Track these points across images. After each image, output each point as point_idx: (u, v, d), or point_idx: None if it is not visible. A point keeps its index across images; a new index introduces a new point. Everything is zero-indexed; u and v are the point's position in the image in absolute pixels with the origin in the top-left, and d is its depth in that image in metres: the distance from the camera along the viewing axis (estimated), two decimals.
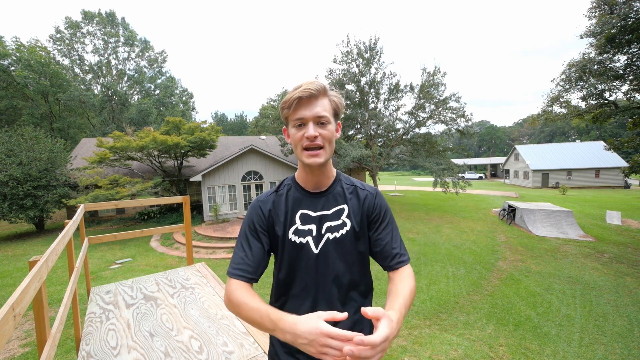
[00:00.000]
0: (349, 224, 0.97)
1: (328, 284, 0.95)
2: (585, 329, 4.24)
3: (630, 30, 7.61)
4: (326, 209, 0.98)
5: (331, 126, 0.92)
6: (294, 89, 0.89)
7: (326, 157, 0.92)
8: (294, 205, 0.99)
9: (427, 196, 19.70)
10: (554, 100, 10.36)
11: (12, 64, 22.38)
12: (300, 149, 0.91)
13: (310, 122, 0.88)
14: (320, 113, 0.88)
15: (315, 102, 0.89)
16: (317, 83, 0.89)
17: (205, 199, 12.88)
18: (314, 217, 0.98)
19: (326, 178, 1.00)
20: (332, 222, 0.97)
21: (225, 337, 2.06)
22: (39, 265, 1.14)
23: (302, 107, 0.89)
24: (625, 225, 10.62)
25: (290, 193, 1.02)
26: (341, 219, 0.98)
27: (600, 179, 26.73)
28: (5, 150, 11.48)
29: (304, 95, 0.87)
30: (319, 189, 1.01)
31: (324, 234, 0.96)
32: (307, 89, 0.87)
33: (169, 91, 30.62)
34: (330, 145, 0.93)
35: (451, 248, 8.30)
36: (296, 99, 0.87)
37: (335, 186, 1.02)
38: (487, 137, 71.85)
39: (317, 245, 0.95)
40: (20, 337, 4.23)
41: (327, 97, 0.92)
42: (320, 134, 0.89)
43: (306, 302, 0.95)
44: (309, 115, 0.88)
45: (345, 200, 1.00)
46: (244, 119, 54.72)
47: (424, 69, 14.17)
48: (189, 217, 3.61)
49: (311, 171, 0.97)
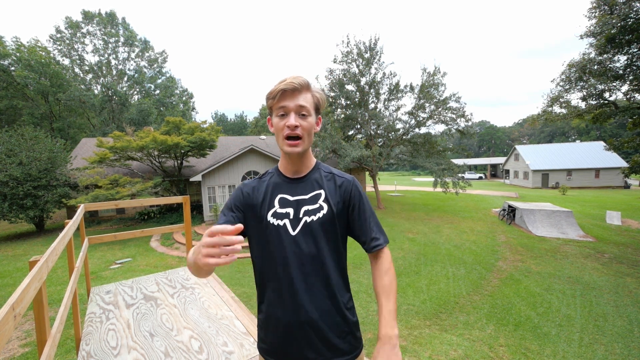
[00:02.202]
0: (326, 208, 1.02)
1: (305, 265, 0.98)
2: (585, 329, 4.24)
3: (630, 30, 7.61)
4: (304, 193, 1.04)
5: (311, 118, 0.99)
6: (280, 82, 0.96)
7: (304, 147, 0.99)
8: (273, 189, 1.06)
9: (427, 196, 19.69)
10: (554, 100, 10.37)
11: (12, 64, 22.36)
12: (281, 137, 0.98)
13: (292, 112, 0.95)
14: (302, 104, 0.95)
15: (298, 95, 0.95)
16: (301, 78, 0.96)
17: (205, 199, 12.87)
18: (291, 201, 1.03)
19: (304, 166, 1.07)
20: (309, 206, 1.02)
21: (225, 337, 2.06)
22: (39, 265, 1.13)
23: (285, 99, 0.95)
24: (625, 225, 10.61)
25: (272, 179, 1.09)
26: (318, 203, 1.02)
27: (600, 179, 26.72)
28: (5, 150, 11.47)
29: (288, 87, 0.94)
30: (297, 175, 1.07)
31: (301, 217, 1.00)
32: (291, 82, 0.94)
33: (169, 91, 30.62)
34: (309, 137, 1.00)
35: (451, 248, 8.29)
36: (280, 90, 0.94)
37: (313, 173, 1.08)
38: (487, 137, 71.84)
39: (295, 227, 0.99)
40: (20, 337, 4.23)
41: (310, 92, 0.99)
42: (301, 124, 0.96)
43: (285, 283, 0.98)
44: (292, 105, 0.95)
45: (322, 186, 1.05)
46: (244, 119, 54.72)
47: (424, 69, 14.17)
48: (189, 217, 3.61)
49: (291, 159, 1.04)
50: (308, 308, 0.96)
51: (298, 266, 0.97)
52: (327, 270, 1.00)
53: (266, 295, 1.03)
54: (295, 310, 0.96)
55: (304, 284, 0.97)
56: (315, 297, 0.97)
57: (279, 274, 0.99)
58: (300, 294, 0.96)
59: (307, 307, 0.96)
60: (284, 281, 0.98)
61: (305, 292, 0.97)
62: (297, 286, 0.97)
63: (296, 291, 0.97)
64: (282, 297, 0.98)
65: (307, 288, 0.97)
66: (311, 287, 0.97)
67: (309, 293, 0.97)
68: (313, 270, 0.98)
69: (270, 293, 1.01)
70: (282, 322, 0.98)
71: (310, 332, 0.96)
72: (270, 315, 1.01)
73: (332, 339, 0.98)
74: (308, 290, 0.97)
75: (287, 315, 0.97)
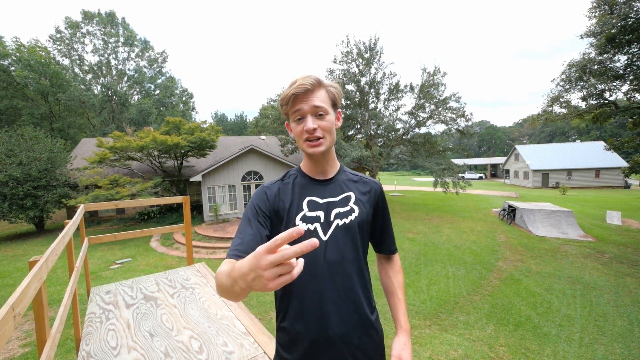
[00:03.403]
0: (357, 211, 0.98)
1: (337, 272, 0.93)
2: (586, 329, 4.23)
3: (630, 30, 7.61)
4: (333, 195, 0.99)
5: (329, 116, 0.93)
6: (290, 85, 0.90)
7: (327, 146, 0.94)
8: (300, 192, 0.99)
9: (427, 196, 19.69)
10: (554, 100, 10.36)
11: (12, 64, 22.36)
12: (302, 141, 0.93)
13: (308, 115, 0.90)
14: (317, 104, 0.90)
15: (311, 95, 0.90)
16: (311, 77, 0.90)
17: (205, 199, 12.87)
18: (321, 204, 0.97)
19: (330, 167, 1.02)
20: (340, 209, 0.97)
21: (225, 337, 2.06)
22: (39, 265, 1.13)
23: (298, 102, 0.90)
24: (626, 225, 10.61)
25: (297, 181, 1.02)
26: (349, 206, 0.98)
27: (601, 179, 26.72)
28: (5, 150, 11.47)
29: (299, 90, 0.88)
30: (325, 176, 1.02)
31: (332, 221, 0.95)
32: (301, 84, 0.88)
33: (169, 91, 30.61)
34: (331, 135, 0.94)
35: (451, 248, 8.29)
36: (292, 95, 0.89)
37: (340, 175, 1.04)
38: (487, 137, 71.82)
39: (326, 232, 0.94)
40: (20, 337, 4.23)
41: (324, 89, 0.93)
42: (319, 125, 0.91)
43: (314, 291, 0.91)
44: (306, 108, 0.90)
45: (350, 188, 1.02)
46: (244, 119, 54.69)
47: (424, 69, 14.17)
48: (189, 217, 3.61)
49: (315, 160, 0.99)
50: (338, 322, 0.90)
51: (329, 274, 0.92)
52: (358, 277, 0.96)
53: (291, 308, 0.93)
54: (324, 325, 0.89)
55: (335, 295, 0.91)
56: (347, 309, 0.91)
57: (307, 286, 0.91)
58: (330, 306, 0.90)
59: (337, 321, 0.90)
60: (314, 292, 0.91)
61: (336, 303, 0.91)
62: (327, 297, 0.90)
63: (326, 303, 0.90)
64: (309, 310, 0.91)
65: (338, 299, 0.91)
66: (343, 296, 0.92)
67: (339, 305, 0.91)
68: (345, 277, 0.93)
69: (295, 307, 0.93)
70: (309, 338, 0.89)
71: (341, 348, 0.90)
72: (297, 331, 0.92)
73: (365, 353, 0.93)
74: (339, 302, 0.91)
75: (315, 331, 0.89)
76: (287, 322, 0.94)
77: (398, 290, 1.05)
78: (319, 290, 0.91)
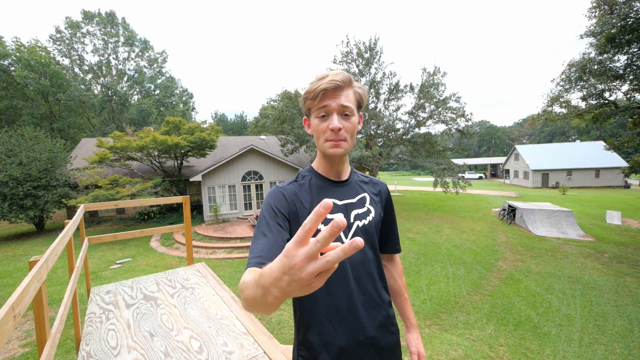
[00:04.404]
0: (374, 211, 0.99)
1: (361, 273, 0.91)
2: (585, 329, 4.23)
3: (630, 30, 7.61)
4: (351, 197, 0.98)
5: (354, 118, 0.90)
6: (319, 79, 0.86)
7: (347, 148, 0.90)
8: (318, 193, 0.95)
9: (427, 196, 19.69)
10: (554, 100, 10.36)
11: (12, 64, 22.37)
12: (323, 140, 0.89)
13: (335, 114, 0.86)
14: (345, 104, 0.86)
15: (340, 93, 0.86)
16: (343, 74, 0.87)
17: (205, 199, 12.87)
18: (340, 206, 0.96)
19: (346, 168, 1.01)
20: (358, 210, 0.97)
21: (225, 337, 2.06)
22: (39, 265, 1.13)
23: (327, 98, 0.86)
24: (626, 225, 10.61)
25: (313, 182, 0.98)
26: (366, 207, 0.98)
27: (600, 179, 26.71)
28: (5, 150, 11.48)
29: (330, 86, 0.84)
30: (339, 177, 1.00)
31: (353, 222, 0.94)
32: (333, 79, 0.84)
33: (169, 91, 30.60)
34: (352, 138, 0.91)
35: (451, 248, 8.29)
36: (322, 90, 0.84)
37: (353, 176, 1.04)
38: (487, 137, 71.83)
39: (347, 234, 0.92)
40: (20, 337, 4.23)
41: (352, 89, 0.90)
42: (344, 126, 0.87)
43: (341, 297, 0.88)
44: (334, 106, 0.86)
45: (364, 189, 1.02)
46: (244, 119, 54.70)
47: (424, 69, 14.17)
48: (189, 217, 3.61)
49: (332, 161, 0.96)
50: (367, 325, 0.88)
51: (353, 277, 0.89)
52: (379, 276, 0.96)
53: (315, 317, 0.88)
54: (354, 330, 0.87)
55: (361, 297, 0.89)
56: (373, 310, 0.91)
57: (332, 290, 0.88)
58: (358, 309, 0.88)
59: (365, 323, 0.88)
60: (340, 297, 0.87)
61: (363, 306, 0.89)
62: (354, 300, 0.88)
63: (353, 306, 0.87)
64: (336, 315, 0.87)
65: (365, 301, 0.89)
66: (369, 300, 0.90)
67: (366, 307, 0.90)
68: (368, 280, 0.92)
69: (323, 313, 0.88)
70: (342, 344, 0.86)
71: (370, 349, 0.89)
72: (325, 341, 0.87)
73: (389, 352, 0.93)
74: (366, 304, 0.90)
75: (345, 337, 0.87)
76: (314, 331, 0.88)
77: (404, 291, 1.13)
78: (347, 293, 0.88)
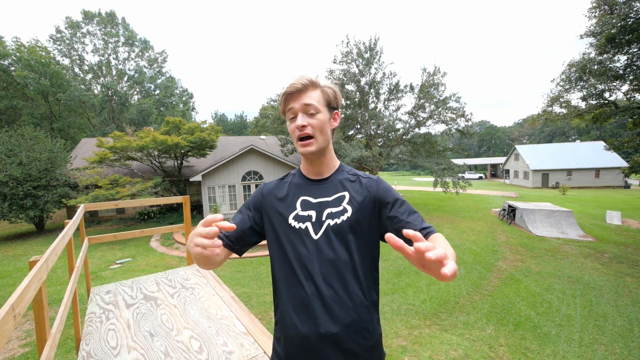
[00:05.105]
0: (350, 211, 0.95)
1: (328, 272, 0.91)
2: (585, 329, 4.24)
3: (630, 30, 7.61)
4: (326, 195, 0.99)
5: (321, 115, 0.94)
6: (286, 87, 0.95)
7: (318, 146, 0.95)
8: (295, 191, 1.02)
9: (427, 196, 19.69)
10: (554, 100, 10.36)
11: (12, 64, 22.36)
12: (295, 140, 0.96)
13: (299, 113, 0.93)
14: (307, 102, 0.92)
15: (303, 95, 0.93)
16: (305, 77, 0.93)
17: (205, 199, 12.87)
18: (313, 203, 0.98)
19: (326, 167, 1.03)
20: (332, 209, 0.97)
21: (225, 337, 2.06)
22: (39, 265, 1.13)
23: (291, 101, 0.94)
24: (626, 225, 10.61)
25: (294, 180, 1.06)
26: (342, 206, 0.97)
27: (600, 179, 26.72)
28: (5, 150, 11.47)
29: (290, 90, 0.93)
30: (320, 176, 1.04)
31: (324, 220, 0.95)
32: (293, 84, 0.92)
33: (169, 91, 30.61)
34: (322, 134, 0.95)
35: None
36: (285, 94, 0.94)
37: (337, 175, 1.04)
38: (487, 137, 71.84)
39: (317, 231, 0.94)
40: (20, 337, 4.23)
41: (319, 89, 0.95)
42: (309, 123, 0.93)
43: (305, 291, 0.90)
44: (297, 106, 0.93)
45: (346, 188, 1.00)
46: (244, 119, 54.71)
47: (424, 69, 14.18)
48: (189, 217, 3.61)
49: (310, 160, 1.01)
50: (330, 320, 0.88)
51: (320, 273, 0.90)
52: (352, 277, 0.92)
53: (283, 304, 0.95)
54: (316, 323, 0.88)
55: (327, 292, 0.89)
56: (339, 308, 0.89)
57: (299, 282, 0.91)
58: (322, 303, 0.89)
59: (328, 318, 0.88)
60: (304, 289, 0.90)
61: (327, 301, 0.89)
62: (318, 295, 0.89)
63: (317, 300, 0.89)
64: (301, 307, 0.90)
65: (330, 297, 0.89)
66: (334, 296, 0.89)
67: (331, 303, 0.89)
68: (336, 277, 0.91)
69: (288, 302, 0.93)
70: (300, 335, 0.89)
71: (332, 347, 0.88)
72: (286, 327, 0.92)
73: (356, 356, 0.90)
74: (331, 300, 0.89)
75: (306, 328, 0.88)
76: (280, 316, 0.96)
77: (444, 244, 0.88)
78: (312, 287, 0.90)
